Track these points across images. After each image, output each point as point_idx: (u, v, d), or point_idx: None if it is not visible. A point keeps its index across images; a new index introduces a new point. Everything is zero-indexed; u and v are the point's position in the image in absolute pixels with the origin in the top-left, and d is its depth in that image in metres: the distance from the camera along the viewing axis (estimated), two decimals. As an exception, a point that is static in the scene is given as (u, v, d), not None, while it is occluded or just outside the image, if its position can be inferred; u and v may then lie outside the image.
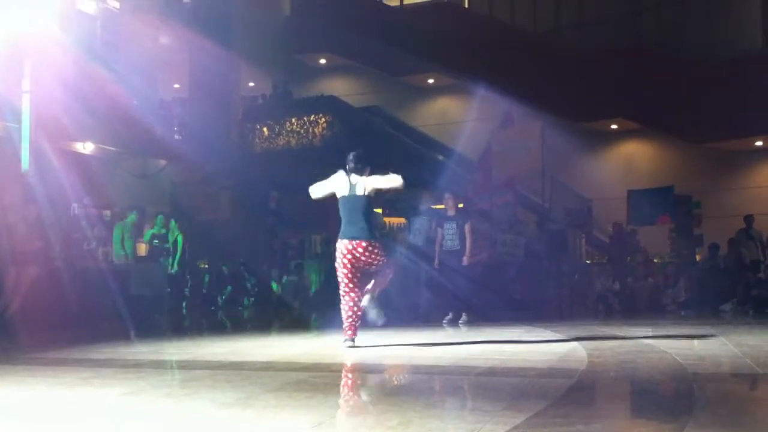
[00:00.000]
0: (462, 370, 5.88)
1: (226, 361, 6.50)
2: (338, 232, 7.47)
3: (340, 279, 7.35)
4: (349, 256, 7.23)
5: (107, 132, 15.29)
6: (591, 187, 21.08)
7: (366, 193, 7.28)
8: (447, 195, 11.56)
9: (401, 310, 11.76)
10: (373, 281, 7.42)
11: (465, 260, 10.85)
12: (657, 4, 22.84)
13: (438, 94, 25.61)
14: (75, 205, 12.64)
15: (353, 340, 7.26)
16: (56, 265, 11.02)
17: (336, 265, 7.39)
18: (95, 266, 11.91)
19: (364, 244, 7.21)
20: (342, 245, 7.28)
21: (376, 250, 7.27)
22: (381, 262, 7.35)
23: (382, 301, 7.54)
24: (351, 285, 7.29)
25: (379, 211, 13.05)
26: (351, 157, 7.43)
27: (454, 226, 11.06)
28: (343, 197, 7.36)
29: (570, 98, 21.19)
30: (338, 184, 7.40)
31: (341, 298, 7.37)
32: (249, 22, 22.85)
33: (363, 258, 7.24)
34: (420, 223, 12.36)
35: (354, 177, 7.36)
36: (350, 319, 7.30)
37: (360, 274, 7.34)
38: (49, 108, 12.75)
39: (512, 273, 14.96)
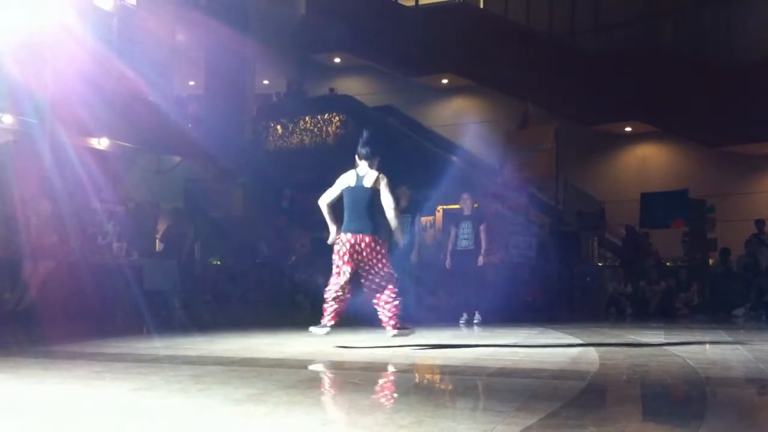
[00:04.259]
0: (474, 371, 5.89)
1: (239, 358, 6.52)
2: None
3: (333, 268, 7.19)
4: (350, 250, 7.07)
5: (123, 128, 15.34)
6: (604, 189, 21.06)
7: (372, 186, 7.13)
8: (465, 195, 11.49)
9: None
10: (382, 309, 7.17)
11: (480, 260, 10.85)
12: (674, 7, 22.76)
13: (452, 95, 25.60)
14: (90, 199, 12.70)
15: (328, 327, 7.15)
16: (71, 259, 11.08)
17: (333, 257, 7.22)
18: (110, 261, 11.96)
19: (367, 239, 7.05)
20: (344, 238, 7.12)
21: (378, 248, 7.08)
22: (383, 268, 7.11)
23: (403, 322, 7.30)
24: (341, 273, 7.16)
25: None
26: (362, 138, 7.35)
27: (470, 225, 11.04)
28: (349, 188, 7.21)
29: (585, 100, 21.19)
30: (345, 179, 7.28)
31: (329, 282, 7.23)
32: (264, 21, 22.91)
33: (365, 254, 7.06)
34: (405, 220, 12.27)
35: (362, 168, 7.24)
36: (330, 303, 7.19)
37: (356, 271, 7.15)
38: (66, 103, 12.83)
39: (525, 275, 14.94)
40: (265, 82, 25.91)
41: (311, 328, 7.24)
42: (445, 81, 25.05)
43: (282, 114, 22.70)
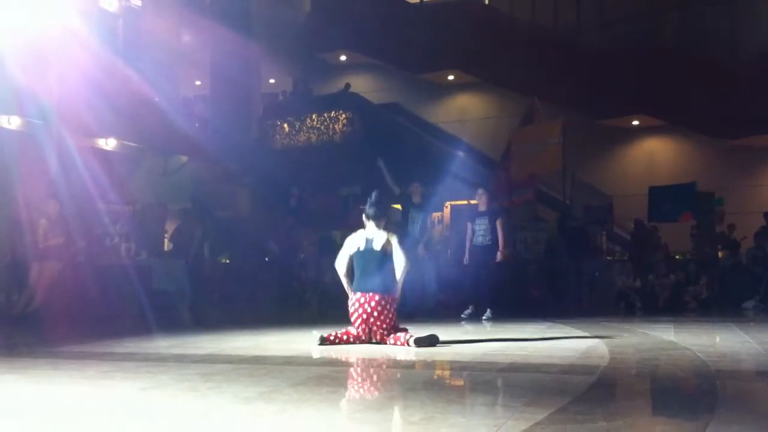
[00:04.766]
0: (483, 366, 5.88)
1: (248, 356, 6.52)
2: (356, 227, 7.51)
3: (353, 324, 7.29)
4: (360, 310, 7.18)
5: (129, 128, 15.39)
6: (612, 183, 21.03)
7: (381, 248, 7.24)
8: (480, 190, 11.48)
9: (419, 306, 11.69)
10: (397, 342, 7.10)
11: (499, 255, 10.83)
12: (680, 1, 22.68)
13: (458, 92, 25.58)
14: (97, 201, 12.73)
15: (320, 340, 7.14)
16: (79, 260, 11.10)
17: (350, 311, 7.33)
18: (118, 262, 11.99)
19: (377, 297, 7.14)
20: (354, 298, 7.27)
21: (389, 306, 7.16)
22: (393, 324, 7.19)
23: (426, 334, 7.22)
24: (354, 329, 7.25)
25: (398, 207, 13.03)
26: (371, 199, 7.45)
27: (486, 221, 11.04)
28: (359, 251, 7.33)
29: (591, 95, 21.15)
30: (355, 241, 7.39)
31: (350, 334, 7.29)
32: (270, 20, 22.94)
33: (376, 313, 7.14)
34: (415, 214, 12.26)
35: (370, 230, 7.34)
36: (336, 335, 7.24)
37: (370, 328, 7.23)
38: (72, 105, 12.85)
39: (533, 270, 14.91)
40: (271, 80, 25.94)
41: (315, 331, 7.30)
42: (450, 78, 25.02)
43: (288, 112, 22.72)
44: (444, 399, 4.43)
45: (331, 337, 7.21)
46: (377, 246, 7.27)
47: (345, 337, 7.25)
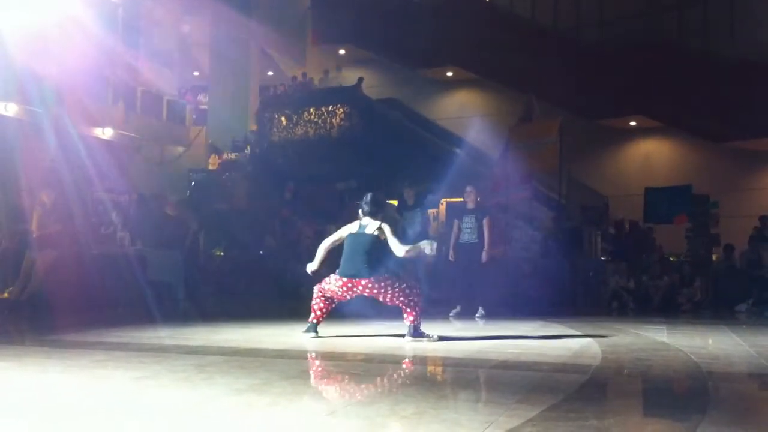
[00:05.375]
0: (476, 363, 5.90)
1: (241, 348, 6.53)
2: (351, 221, 7.52)
3: (325, 285, 7.32)
4: (344, 288, 7.16)
5: (127, 118, 15.39)
6: (608, 184, 21.04)
7: (374, 233, 7.20)
8: (469, 188, 11.20)
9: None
10: (405, 314, 7.11)
11: (484, 255, 10.72)
12: (679, 1, 22.70)
13: (457, 88, 25.59)
14: (95, 189, 12.72)
15: (314, 325, 7.29)
16: (75, 249, 11.08)
17: (331, 279, 7.30)
18: (113, 251, 11.97)
19: (363, 282, 7.07)
20: (341, 282, 7.18)
21: (381, 284, 7.06)
22: (398, 291, 7.08)
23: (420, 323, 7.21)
24: (327, 295, 7.32)
25: (394, 203, 13.03)
26: (366, 199, 7.45)
27: (473, 219, 10.89)
28: (351, 234, 7.30)
29: (589, 95, 21.15)
30: (348, 228, 7.40)
31: (316, 291, 7.41)
32: (270, 12, 22.91)
33: (365, 293, 7.16)
34: (411, 215, 12.28)
35: (366, 219, 7.35)
36: (318, 315, 7.37)
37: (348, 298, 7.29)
38: (72, 93, 12.84)
39: (528, 268, 14.90)
40: (270, 73, 25.90)
41: (303, 333, 7.32)
42: (449, 74, 25.02)
43: (286, 105, 22.68)
44: (436, 395, 4.45)
45: (320, 318, 7.33)
46: (369, 231, 7.25)
47: (326, 308, 7.36)
